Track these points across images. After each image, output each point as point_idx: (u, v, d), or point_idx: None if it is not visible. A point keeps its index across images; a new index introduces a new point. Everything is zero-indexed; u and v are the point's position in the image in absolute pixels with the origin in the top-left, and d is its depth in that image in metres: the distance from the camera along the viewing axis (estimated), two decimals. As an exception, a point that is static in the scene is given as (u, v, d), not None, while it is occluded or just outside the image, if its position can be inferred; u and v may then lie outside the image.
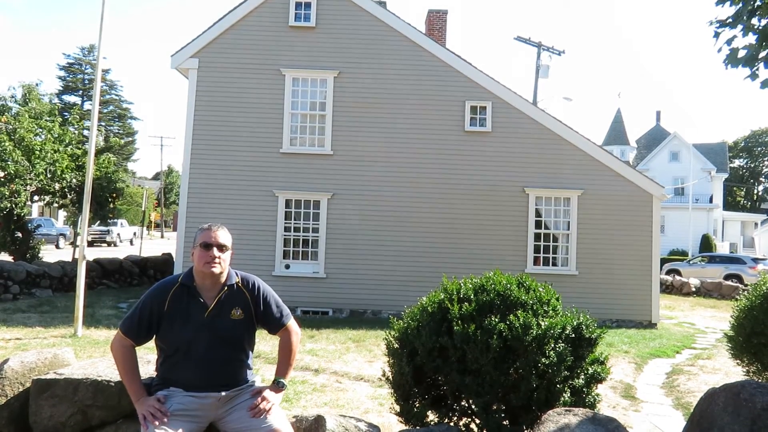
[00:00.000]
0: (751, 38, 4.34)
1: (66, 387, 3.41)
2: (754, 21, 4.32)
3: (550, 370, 3.62)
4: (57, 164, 16.32)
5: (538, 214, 14.02)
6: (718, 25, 4.42)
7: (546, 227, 14.02)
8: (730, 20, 4.36)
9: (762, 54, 4.26)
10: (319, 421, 3.31)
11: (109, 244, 37.17)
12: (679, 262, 30.81)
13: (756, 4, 4.23)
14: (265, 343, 8.10)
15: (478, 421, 3.75)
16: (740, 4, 4.29)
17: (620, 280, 13.72)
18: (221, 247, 3.19)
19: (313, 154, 14.07)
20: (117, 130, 65.71)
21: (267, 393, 3.17)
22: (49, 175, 16.34)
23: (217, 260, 3.15)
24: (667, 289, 23.02)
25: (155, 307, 3.15)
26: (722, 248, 46.54)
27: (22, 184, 15.40)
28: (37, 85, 18.28)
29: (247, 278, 3.31)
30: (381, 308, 13.49)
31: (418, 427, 3.68)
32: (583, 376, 3.82)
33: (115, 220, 38.03)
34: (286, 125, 14.07)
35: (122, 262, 17.09)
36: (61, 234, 33.53)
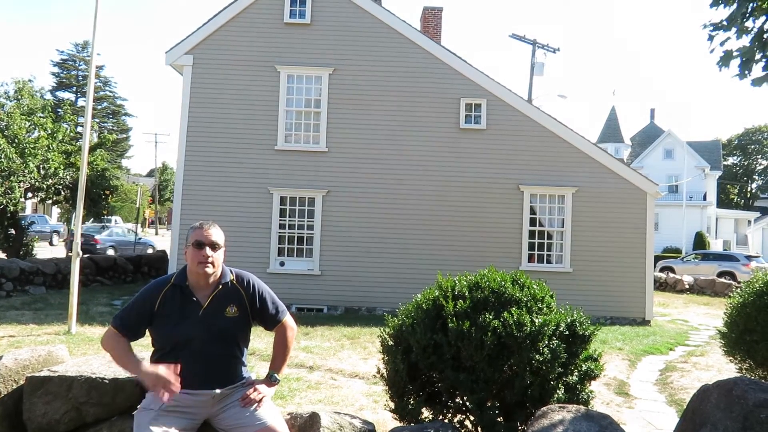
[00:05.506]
0: (745, 40, 4.34)
1: (60, 384, 3.40)
2: (749, 23, 4.32)
3: (544, 367, 3.63)
4: (50, 161, 16.24)
5: (532, 211, 14.05)
6: (712, 28, 4.42)
7: (540, 224, 14.06)
8: (725, 23, 4.35)
9: (757, 56, 4.26)
10: (314, 418, 3.31)
11: (103, 241, 36.97)
12: (672, 259, 30.91)
13: (750, 7, 4.22)
14: (260, 340, 8.09)
15: (472, 418, 3.76)
16: (734, 6, 4.28)
17: (614, 278, 13.78)
18: (214, 246, 3.16)
19: (308, 151, 14.05)
20: (111, 127, 65.40)
21: (259, 385, 3.20)
22: (42, 173, 16.26)
23: (210, 259, 3.13)
24: (661, 286, 23.11)
25: (147, 306, 3.14)
26: (716, 246, 46.64)
27: (15, 181, 15.32)
28: (30, 81, 17.97)
29: (241, 275, 3.31)
30: (376, 305, 13.50)
31: (412, 424, 3.68)
32: (576, 373, 3.84)
33: (110, 217, 37.91)
34: (281, 122, 14.06)
35: (116, 259, 17.08)
36: (55, 231, 33.38)
